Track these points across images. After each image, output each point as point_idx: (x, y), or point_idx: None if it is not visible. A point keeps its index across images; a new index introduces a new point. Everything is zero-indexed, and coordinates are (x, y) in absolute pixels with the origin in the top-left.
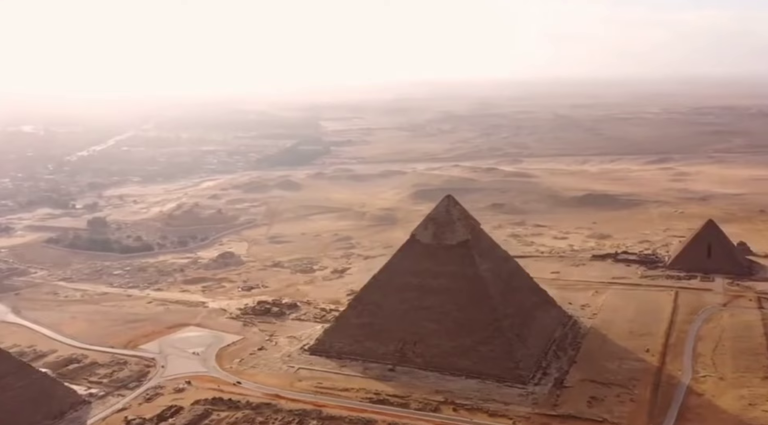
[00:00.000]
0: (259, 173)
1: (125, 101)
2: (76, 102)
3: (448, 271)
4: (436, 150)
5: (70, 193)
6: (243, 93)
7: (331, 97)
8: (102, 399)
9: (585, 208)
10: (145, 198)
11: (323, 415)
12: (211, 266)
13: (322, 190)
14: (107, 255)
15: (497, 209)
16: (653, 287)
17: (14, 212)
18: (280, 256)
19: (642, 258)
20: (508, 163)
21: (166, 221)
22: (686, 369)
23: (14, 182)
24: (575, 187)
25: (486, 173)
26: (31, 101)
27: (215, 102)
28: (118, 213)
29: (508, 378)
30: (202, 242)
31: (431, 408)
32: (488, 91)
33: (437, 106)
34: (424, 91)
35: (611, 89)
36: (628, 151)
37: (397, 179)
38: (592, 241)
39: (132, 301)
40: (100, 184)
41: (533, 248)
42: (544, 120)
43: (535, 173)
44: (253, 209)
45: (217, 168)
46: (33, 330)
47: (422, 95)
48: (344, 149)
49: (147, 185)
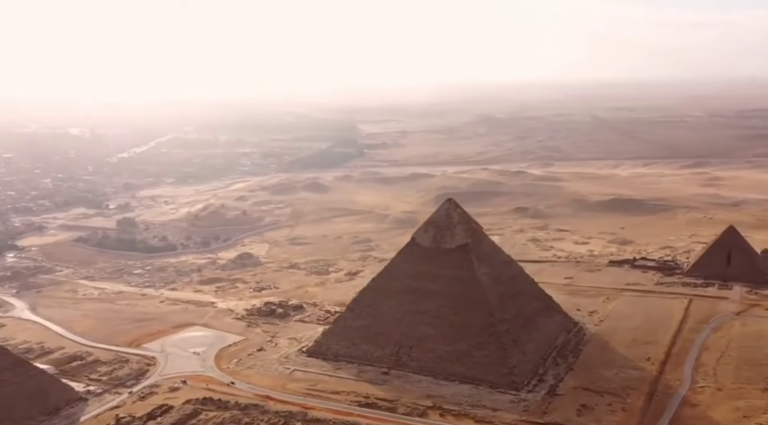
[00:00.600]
0: (289, 175)
1: (168, 104)
2: (122, 106)
3: (447, 274)
4: (468, 153)
5: (105, 193)
6: (283, 95)
7: (372, 100)
8: (99, 397)
9: (610, 213)
10: (176, 199)
11: (308, 418)
12: (228, 267)
13: (348, 192)
14: (132, 255)
15: (521, 212)
16: (667, 295)
17: (50, 211)
18: (298, 257)
19: (660, 265)
20: (538, 166)
21: (191, 222)
22: (685, 379)
23: (54, 182)
24: (602, 191)
25: (514, 177)
26: (79, 105)
27: (256, 104)
28: (149, 214)
29: (501, 384)
30: (225, 243)
31: (418, 413)
32: (530, 93)
33: (476, 109)
34: (466, 93)
35: (655, 91)
36: (665, 155)
37: (424, 183)
38: (613, 246)
39: (145, 300)
40: (135, 185)
41: (551, 253)
42: (582, 123)
43: (564, 176)
44: (278, 211)
45: (250, 170)
46: (45, 327)
47: (463, 98)
48: (377, 152)
49: (180, 186)
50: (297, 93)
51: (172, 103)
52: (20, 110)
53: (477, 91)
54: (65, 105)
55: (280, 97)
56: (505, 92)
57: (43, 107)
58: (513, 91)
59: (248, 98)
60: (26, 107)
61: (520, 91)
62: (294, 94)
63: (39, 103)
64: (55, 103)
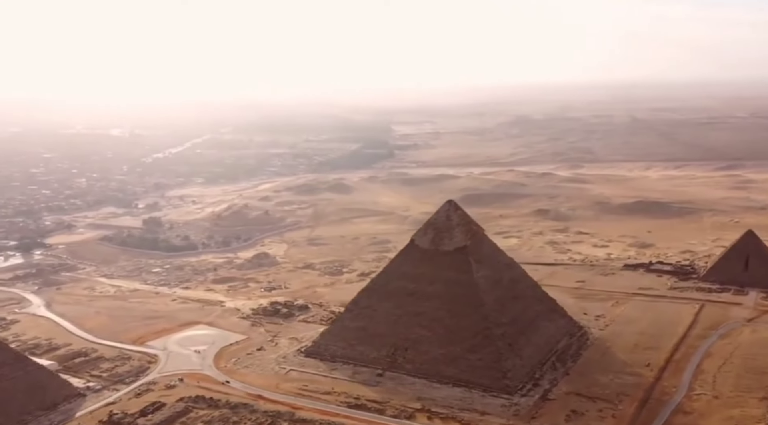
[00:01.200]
0: (316, 176)
1: (205, 105)
2: (160, 108)
3: (444, 277)
4: (498, 154)
5: (135, 193)
6: (320, 97)
7: (408, 101)
8: (97, 393)
9: (634, 216)
10: (203, 199)
11: (295, 418)
12: (244, 266)
13: (372, 193)
14: (154, 253)
15: (542, 214)
16: (678, 300)
17: (81, 210)
18: (314, 258)
19: (676, 269)
20: (566, 168)
21: (214, 222)
22: (682, 386)
23: (89, 181)
24: (627, 194)
25: (539, 179)
26: (120, 108)
27: (292, 105)
28: (175, 213)
29: (494, 387)
30: (245, 243)
31: (406, 415)
32: (570, 94)
33: (514, 110)
34: (505, 95)
35: (699, 91)
36: (700, 157)
37: (449, 184)
38: (632, 250)
39: (158, 298)
40: (165, 184)
41: (567, 255)
42: (619, 124)
43: (590, 178)
44: (300, 212)
45: (280, 171)
46: (57, 323)
47: (501, 99)
48: (408, 153)
49: (209, 186)
50: (334, 95)
51: (209, 105)
52: (63, 112)
53: (516, 93)
54: (107, 108)
55: (317, 99)
56: (545, 93)
57: (85, 109)
58: (553, 93)
59: (285, 100)
60: (69, 109)
61: (561, 93)
62: (331, 96)
63: (81, 106)
64: (96, 105)
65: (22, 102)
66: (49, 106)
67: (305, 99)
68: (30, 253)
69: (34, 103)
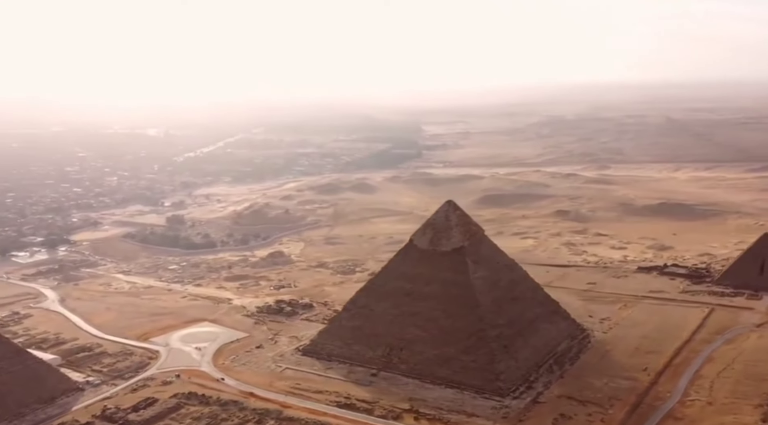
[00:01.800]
0: (340, 176)
1: (239, 105)
2: (195, 108)
3: (441, 277)
4: (526, 155)
5: (163, 191)
6: (355, 97)
7: (441, 101)
8: (96, 387)
9: (657, 217)
10: (229, 197)
11: (282, 416)
12: (258, 265)
13: (394, 193)
14: (173, 251)
15: (561, 215)
16: (688, 303)
17: (109, 208)
18: (329, 257)
19: (691, 272)
20: (593, 169)
21: (234, 220)
22: (677, 392)
23: (120, 179)
24: (652, 195)
25: (563, 179)
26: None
27: (327, 106)
28: (199, 211)
29: (487, 389)
30: (264, 241)
31: (393, 416)
32: (606, 94)
33: (547, 110)
34: (540, 94)
35: (739, 90)
36: (733, 158)
37: (471, 184)
38: (650, 252)
39: (169, 295)
40: (193, 183)
41: (582, 257)
42: (653, 125)
43: (616, 179)
44: (320, 211)
45: (307, 170)
46: (67, 318)
47: (536, 99)
48: (435, 153)
49: (236, 185)
50: (368, 95)
51: (241, 105)
52: (100, 112)
53: (551, 93)
54: (143, 109)
55: (352, 100)
56: (580, 93)
57: (123, 110)
58: (588, 93)
59: (320, 100)
60: (108, 110)
61: (597, 92)
62: (365, 97)
63: (119, 107)
64: (133, 107)
65: (64, 103)
66: (88, 107)
67: (339, 100)
68: (55, 249)
69: (74, 105)
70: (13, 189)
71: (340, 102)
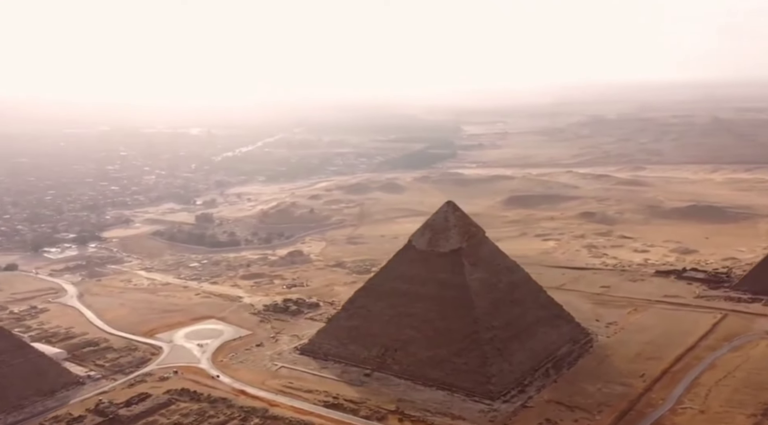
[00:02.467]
0: (371, 175)
1: (281, 105)
2: (239, 108)
3: (437, 279)
4: (561, 155)
5: (197, 190)
6: (400, 97)
7: (484, 101)
8: (96, 382)
9: (685, 220)
10: (260, 196)
11: (267, 414)
12: (277, 263)
13: (421, 193)
14: (198, 248)
15: (587, 217)
16: (701, 309)
17: (143, 205)
18: (348, 256)
19: (710, 277)
20: (628, 170)
21: (261, 219)
22: (670, 399)
23: (157, 178)
24: (683, 197)
25: (595, 180)
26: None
27: (371, 106)
28: (228, 210)
29: (477, 392)
30: (287, 240)
31: (378, 417)
32: (653, 94)
33: (590, 109)
34: (587, 93)
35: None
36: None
37: (500, 185)
38: (673, 256)
39: (183, 292)
40: (226, 182)
41: (601, 260)
42: (697, 125)
43: (649, 181)
44: (346, 210)
45: (341, 169)
46: (82, 313)
47: (581, 98)
48: (471, 153)
49: (268, 184)
50: (412, 96)
51: (287, 104)
52: (144, 112)
53: (599, 92)
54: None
55: (397, 100)
56: (627, 93)
57: (166, 110)
58: (637, 91)
59: (364, 100)
60: (152, 110)
61: (645, 91)
62: (409, 97)
63: (164, 107)
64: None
65: (111, 103)
66: (135, 107)
67: (384, 100)
68: (85, 246)
69: (121, 104)
70: (54, 187)
71: (383, 102)
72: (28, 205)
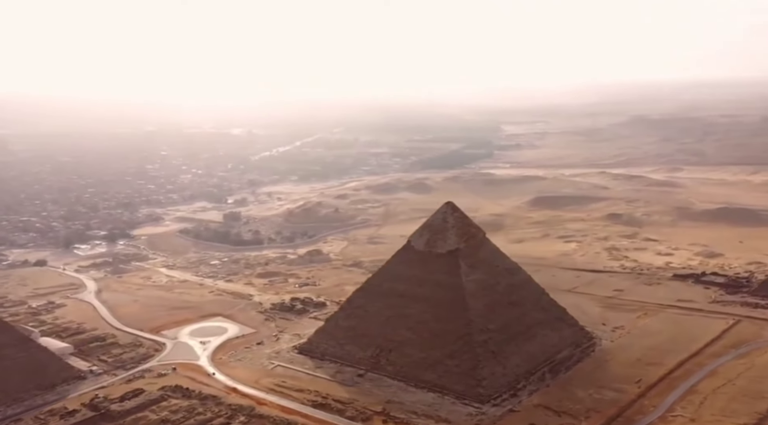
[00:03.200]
0: (401, 175)
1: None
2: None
3: (434, 279)
4: (598, 156)
5: (230, 189)
6: (440, 96)
7: (529, 101)
8: (97, 377)
9: (715, 223)
10: (290, 196)
11: (253, 413)
12: (295, 262)
13: (449, 193)
14: (222, 246)
15: (613, 219)
16: (714, 314)
17: (176, 204)
18: (367, 256)
19: (729, 281)
20: (664, 171)
21: (286, 218)
22: (662, 406)
23: (193, 177)
24: (715, 200)
25: (626, 181)
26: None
27: (412, 106)
28: (257, 209)
29: (467, 395)
30: (309, 239)
31: (363, 418)
32: (703, 92)
33: (635, 109)
34: (631, 92)
35: None
36: None
37: (530, 185)
38: (697, 259)
39: (198, 290)
40: (259, 181)
41: (620, 263)
42: (746, 124)
43: (684, 182)
44: (372, 210)
45: (373, 169)
46: (96, 309)
47: (626, 98)
48: (507, 153)
49: (300, 183)
50: (453, 95)
51: (327, 104)
52: (186, 112)
53: (644, 91)
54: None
55: (437, 99)
56: (672, 91)
57: (210, 110)
58: (683, 91)
59: (406, 100)
60: (200, 110)
61: (694, 91)
62: (450, 96)
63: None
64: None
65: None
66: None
67: (424, 100)
68: (114, 243)
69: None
70: (95, 185)
71: (425, 103)
72: (67, 202)
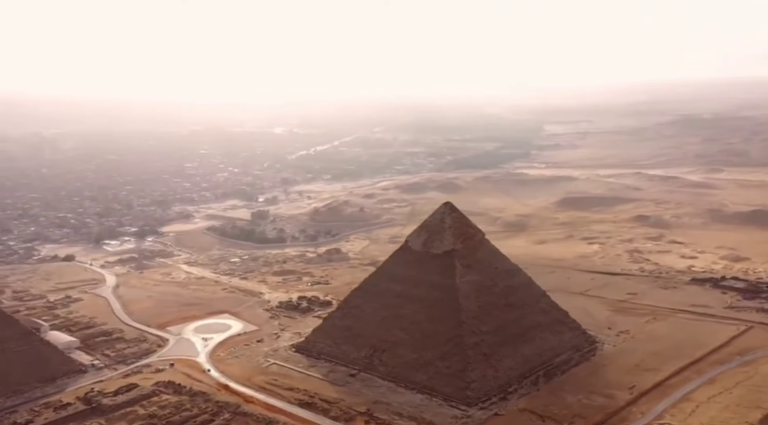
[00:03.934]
0: (432, 175)
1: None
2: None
3: (429, 280)
4: (638, 156)
5: (263, 187)
6: (484, 96)
7: (574, 100)
8: (98, 371)
9: (746, 226)
10: (320, 195)
11: (238, 410)
12: (313, 261)
13: (478, 193)
14: (245, 244)
15: (640, 221)
16: (726, 320)
17: (208, 202)
18: (385, 256)
19: (749, 286)
20: (703, 172)
21: (312, 216)
22: (651, 414)
23: (229, 175)
24: (751, 202)
25: (660, 182)
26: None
27: (455, 106)
28: (286, 207)
29: (455, 397)
30: (332, 238)
31: (346, 419)
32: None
33: (683, 108)
34: (685, 92)
35: None
36: None
37: (560, 186)
38: (722, 263)
39: (212, 287)
40: (292, 180)
41: (639, 266)
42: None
43: (721, 184)
44: (398, 209)
45: (406, 169)
46: (110, 304)
47: (676, 97)
48: (545, 153)
49: (332, 182)
50: (498, 94)
51: (366, 103)
52: (229, 111)
53: (688, 91)
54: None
55: (481, 99)
56: (724, 90)
57: (251, 109)
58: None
59: (448, 99)
60: (245, 108)
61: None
62: (494, 96)
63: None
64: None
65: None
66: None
67: (468, 100)
68: (143, 239)
69: (216, 104)
70: (133, 183)
71: (469, 102)
72: (104, 200)
